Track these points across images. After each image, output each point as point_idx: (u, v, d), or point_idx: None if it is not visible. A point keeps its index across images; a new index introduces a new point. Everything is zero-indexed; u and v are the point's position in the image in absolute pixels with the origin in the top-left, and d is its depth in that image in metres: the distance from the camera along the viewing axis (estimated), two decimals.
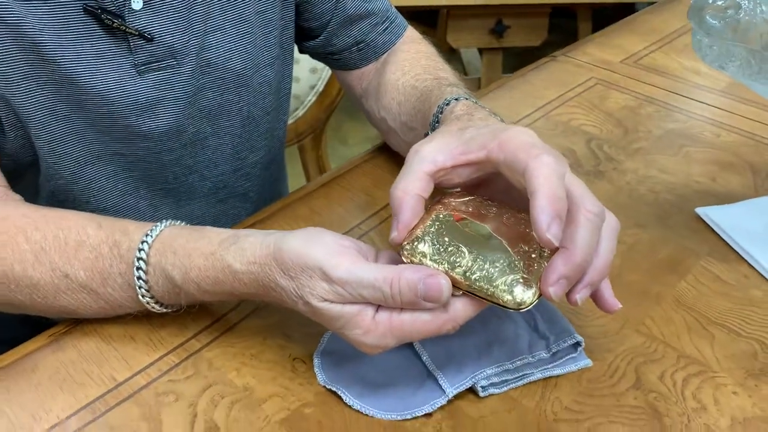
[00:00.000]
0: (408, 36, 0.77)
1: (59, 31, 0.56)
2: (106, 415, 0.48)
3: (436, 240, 0.45)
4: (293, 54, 0.76)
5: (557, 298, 0.42)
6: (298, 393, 0.50)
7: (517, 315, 0.53)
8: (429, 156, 0.46)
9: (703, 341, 0.55)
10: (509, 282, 0.43)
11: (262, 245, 0.46)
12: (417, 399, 0.49)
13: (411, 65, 0.72)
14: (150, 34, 0.59)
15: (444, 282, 0.42)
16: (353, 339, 0.44)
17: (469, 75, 2.35)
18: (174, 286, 0.49)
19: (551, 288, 0.42)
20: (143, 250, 0.50)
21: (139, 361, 0.52)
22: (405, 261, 0.45)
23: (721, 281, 0.60)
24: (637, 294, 0.59)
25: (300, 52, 0.79)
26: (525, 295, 0.43)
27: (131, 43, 0.59)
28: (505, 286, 0.43)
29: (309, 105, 1.22)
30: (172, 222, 0.52)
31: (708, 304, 0.58)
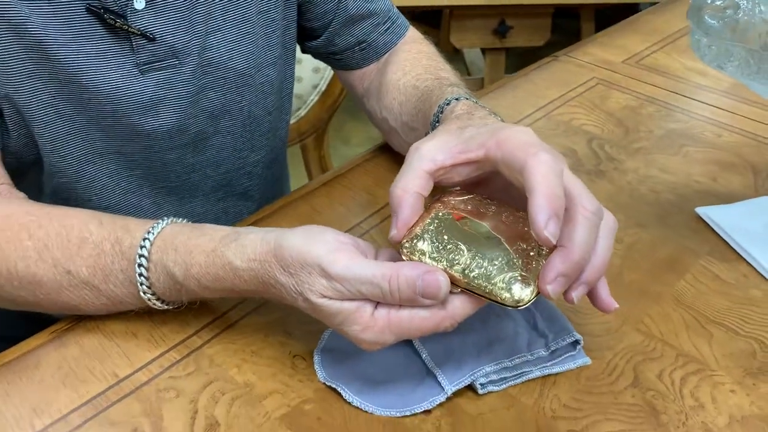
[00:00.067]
0: (409, 36, 0.78)
1: (62, 31, 0.56)
2: (107, 411, 0.49)
3: (435, 238, 0.45)
4: (295, 54, 0.76)
5: (555, 295, 0.42)
6: (298, 389, 0.50)
7: (516, 313, 0.54)
8: (429, 154, 0.46)
9: (702, 340, 0.55)
10: (507, 280, 0.43)
11: (262, 242, 0.46)
12: (416, 396, 0.49)
13: (412, 65, 0.72)
14: (152, 33, 0.59)
15: (442, 279, 0.42)
16: (352, 335, 0.44)
17: (473, 75, 2.35)
18: (175, 282, 0.50)
19: (549, 286, 0.42)
20: (145, 247, 0.50)
21: (141, 358, 0.52)
22: (404, 259, 0.45)
23: (721, 280, 0.60)
24: (637, 293, 0.59)
25: (302, 51, 0.79)
26: (523, 293, 0.43)
27: (133, 43, 0.59)
28: (504, 283, 0.43)
29: (311, 105, 1.22)
30: (173, 219, 0.53)
31: (707, 303, 0.58)
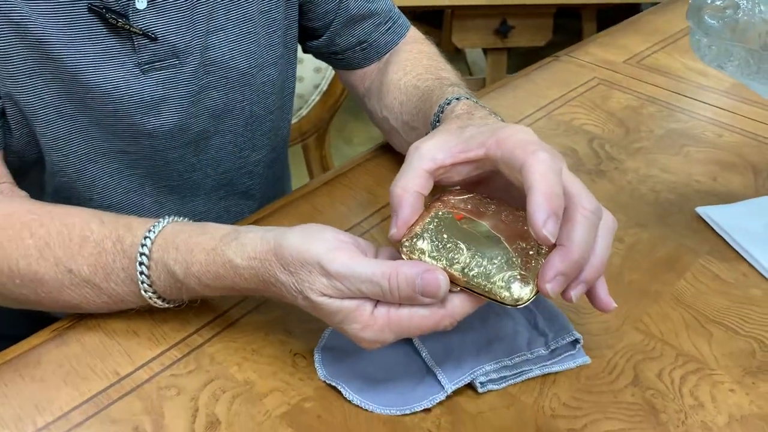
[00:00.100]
0: (410, 36, 0.78)
1: (64, 30, 0.57)
2: (108, 409, 0.49)
3: (434, 237, 0.45)
4: (297, 53, 0.76)
5: (554, 294, 0.42)
6: (298, 388, 0.50)
7: (516, 312, 0.54)
8: (429, 154, 0.47)
9: (702, 339, 0.55)
10: (507, 278, 0.43)
11: (262, 241, 0.47)
12: (416, 394, 0.49)
13: (413, 65, 0.72)
14: (153, 33, 0.60)
15: (441, 277, 0.42)
16: (352, 334, 0.44)
17: (474, 75, 2.35)
18: (176, 281, 0.50)
19: (548, 284, 0.42)
20: (146, 245, 0.50)
21: (142, 356, 0.53)
22: (404, 257, 0.45)
23: (720, 280, 0.61)
24: (637, 292, 0.59)
25: (303, 51, 0.79)
26: (522, 292, 0.43)
27: (135, 42, 0.60)
28: (503, 282, 0.43)
29: (313, 104, 1.22)
30: (174, 218, 0.53)
31: (707, 302, 0.58)
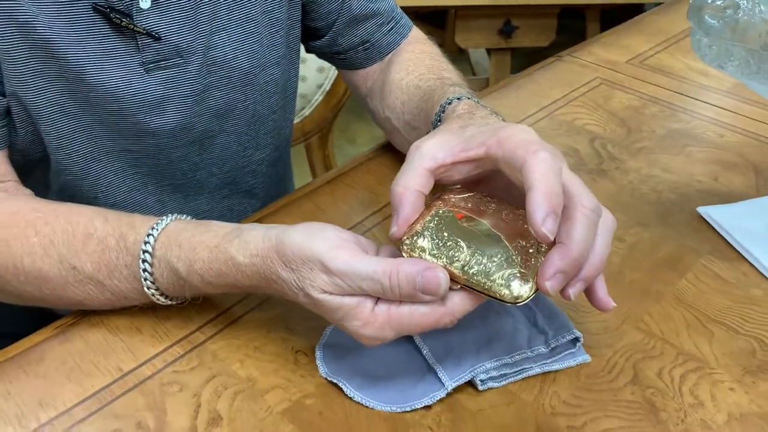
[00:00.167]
0: (413, 36, 0.78)
1: (68, 29, 0.57)
2: (111, 404, 0.49)
3: (435, 235, 0.45)
4: (299, 53, 0.77)
5: (553, 292, 0.43)
6: (299, 384, 0.51)
7: (517, 310, 0.54)
8: (429, 153, 0.47)
9: (702, 338, 0.55)
10: (506, 276, 0.43)
11: (264, 238, 0.47)
12: (417, 392, 0.50)
13: (415, 65, 0.72)
14: (157, 33, 0.60)
15: (442, 275, 0.43)
16: (352, 331, 0.45)
17: (478, 75, 2.35)
18: (178, 278, 0.50)
19: (548, 282, 0.42)
20: (149, 242, 0.51)
21: (145, 353, 0.53)
22: (404, 255, 0.46)
23: (721, 279, 0.61)
24: (638, 291, 0.59)
25: (306, 51, 0.80)
26: (522, 290, 0.43)
27: (139, 42, 0.60)
28: (503, 280, 0.43)
29: (316, 104, 1.22)
30: (177, 216, 0.53)
31: (707, 301, 0.58)
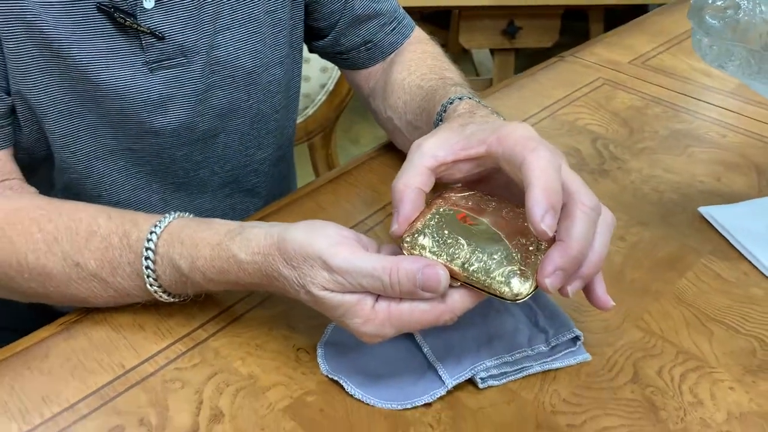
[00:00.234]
0: (415, 36, 0.78)
1: (73, 28, 0.58)
2: (114, 401, 0.50)
3: (435, 233, 0.46)
4: (302, 53, 0.77)
5: (553, 289, 0.43)
6: (301, 382, 0.51)
7: (517, 309, 0.54)
8: (430, 151, 0.47)
9: (702, 337, 0.55)
10: (506, 274, 0.43)
11: (266, 236, 0.47)
12: (417, 389, 0.50)
13: (417, 65, 0.73)
14: (161, 32, 0.60)
15: (442, 272, 0.43)
16: (353, 328, 0.45)
17: (481, 76, 2.35)
18: (181, 275, 0.51)
19: (547, 279, 0.42)
20: (152, 240, 0.51)
21: (148, 350, 0.53)
22: (405, 253, 0.46)
23: (722, 279, 0.61)
24: (638, 290, 0.59)
25: (309, 51, 0.80)
26: (522, 287, 0.43)
27: (143, 41, 0.60)
28: (502, 277, 0.43)
29: (319, 104, 1.23)
30: (180, 214, 0.53)
31: (708, 301, 0.58)
